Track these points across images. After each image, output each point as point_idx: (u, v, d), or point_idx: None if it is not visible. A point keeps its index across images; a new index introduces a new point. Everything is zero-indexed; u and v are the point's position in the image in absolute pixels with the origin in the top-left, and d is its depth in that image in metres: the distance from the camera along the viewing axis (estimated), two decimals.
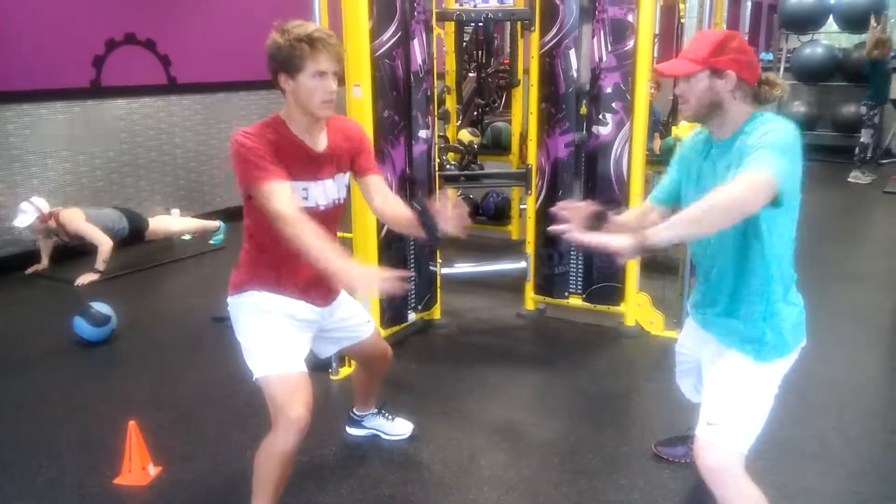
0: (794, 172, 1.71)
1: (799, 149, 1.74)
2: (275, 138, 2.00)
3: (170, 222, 5.59)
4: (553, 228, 1.89)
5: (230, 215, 6.11)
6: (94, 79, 5.41)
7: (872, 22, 7.97)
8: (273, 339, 2.11)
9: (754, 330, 1.91)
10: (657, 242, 1.61)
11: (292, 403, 2.02)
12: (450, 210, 1.97)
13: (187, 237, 5.79)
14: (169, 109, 6.00)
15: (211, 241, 5.69)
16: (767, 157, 1.64)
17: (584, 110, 3.75)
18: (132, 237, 5.19)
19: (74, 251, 5.13)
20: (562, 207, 1.92)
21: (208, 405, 3.17)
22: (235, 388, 3.20)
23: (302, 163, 2.06)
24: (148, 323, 4.19)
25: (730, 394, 1.92)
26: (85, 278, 4.77)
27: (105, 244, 4.86)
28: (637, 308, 3.88)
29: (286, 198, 1.94)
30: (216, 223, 5.75)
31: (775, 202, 1.66)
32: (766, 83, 1.90)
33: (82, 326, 3.75)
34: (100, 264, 4.83)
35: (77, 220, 4.87)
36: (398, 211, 2.17)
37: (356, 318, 2.43)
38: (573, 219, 1.88)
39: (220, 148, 6.40)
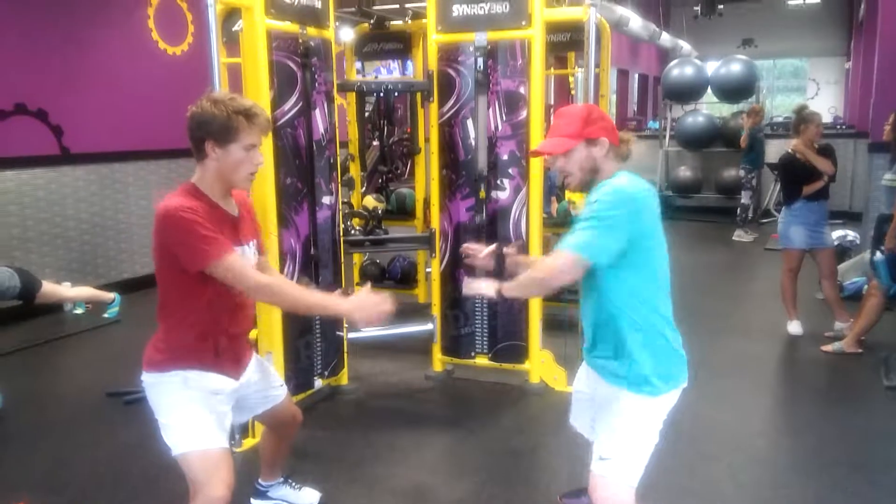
0: (616, 233, 1.89)
1: (635, 204, 1.91)
2: (205, 208, 2.00)
3: (62, 288, 5.30)
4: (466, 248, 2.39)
5: (127, 287, 5.90)
6: None
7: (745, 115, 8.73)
8: (195, 414, 2.06)
9: (619, 368, 2.04)
10: (507, 295, 2.04)
11: (213, 482, 1.98)
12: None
13: (79, 311, 5.54)
14: (61, 180, 5.80)
15: (106, 315, 5.45)
16: (580, 234, 1.90)
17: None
18: (23, 296, 4.86)
19: None
20: (466, 249, 2.37)
21: (105, 485, 3.01)
22: (132, 467, 3.06)
23: (228, 228, 2.07)
24: (39, 402, 3.95)
25: (618, 429, 2.02)
26: None
27: None
28: (541, 365, 3.98)
29: (251, 268, 2.01)
30: (111, 295, 5.52)
31: (614, 262, 1.92)
32: (623, 141, 2.08)
33: None
34: None
35: None
36: None
37: (270, 383, 2.41)
38: (476, 260, 2.33)
39: (115, 219, 6.21)
